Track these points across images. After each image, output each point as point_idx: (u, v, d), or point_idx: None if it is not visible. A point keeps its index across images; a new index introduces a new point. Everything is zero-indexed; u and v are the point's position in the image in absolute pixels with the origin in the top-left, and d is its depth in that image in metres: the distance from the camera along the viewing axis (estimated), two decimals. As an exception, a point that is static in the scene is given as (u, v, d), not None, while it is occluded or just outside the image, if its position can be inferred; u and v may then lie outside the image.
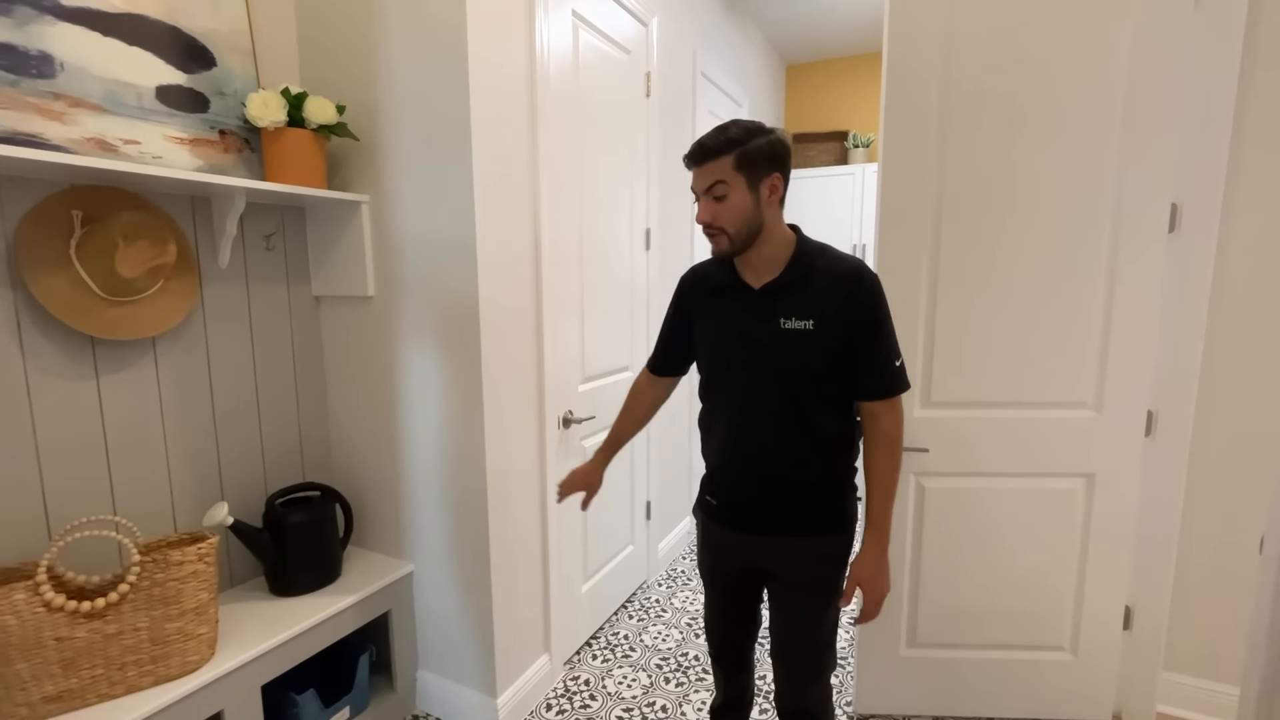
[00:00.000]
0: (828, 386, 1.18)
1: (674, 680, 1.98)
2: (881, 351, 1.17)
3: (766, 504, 1.23)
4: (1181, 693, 1.78)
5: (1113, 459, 1.65)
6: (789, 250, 1.18)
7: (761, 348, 1.18)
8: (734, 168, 1.11)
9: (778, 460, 1.21)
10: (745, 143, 1.10)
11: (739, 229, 1.14)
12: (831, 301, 1.14)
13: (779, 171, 1.14)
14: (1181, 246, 1.57)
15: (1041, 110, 1.54)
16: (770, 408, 1.20)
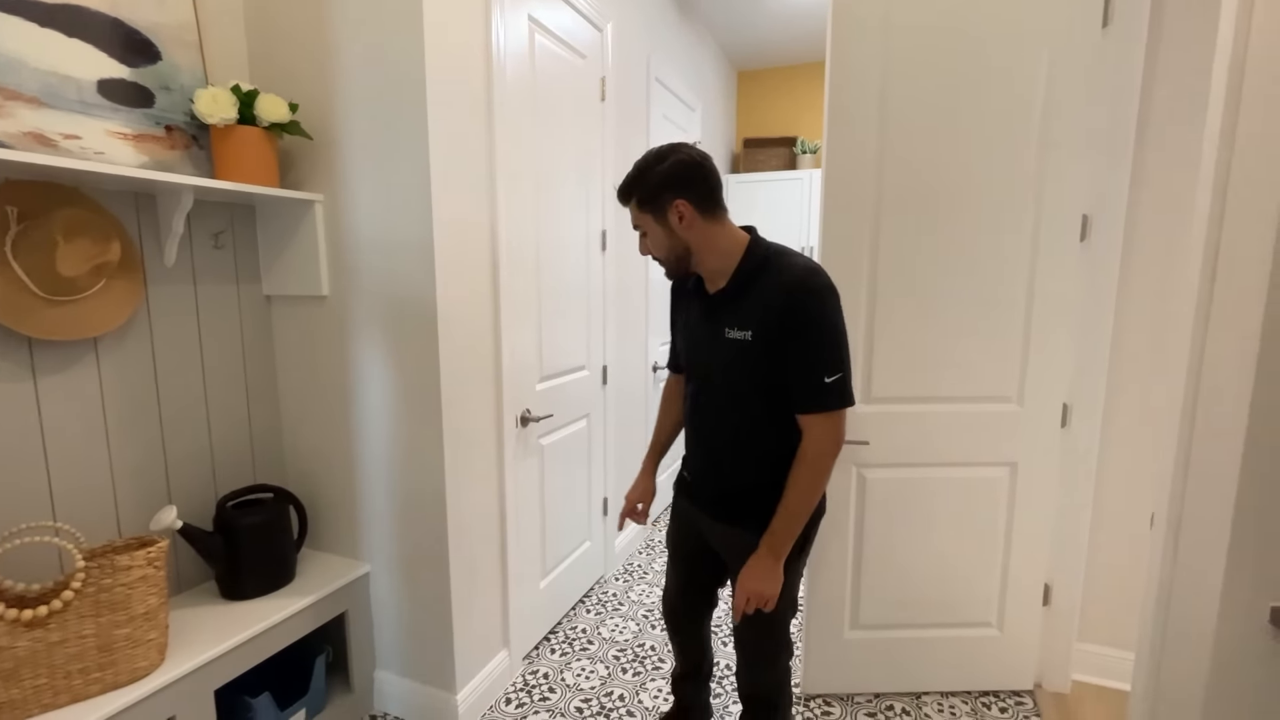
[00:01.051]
0: (774, 395, 1.19)
1: (631, 670, 2.04)
2: (810, 363, 1.14)
3: (719, 495, 1.33)
4: (1094, 661, 1.95)
5: (1033, 449, 1.79)
6: (736, 259, 1.22)
7: (709, 353, 1.25)
8: (639, 210, 1.20)
9: (725, 458, 1.28)
10: (640, 184, 1.18)
11: (667, 256, 1.23)
12: (772, 311, 1.15)
13: (683, 196, 1.16)
14: (1091, 254, 1.72)
15: (969, 127, 1.66)
16: (719, 409, 1.27)
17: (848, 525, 1.84)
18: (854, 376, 1.71)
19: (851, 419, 1.75)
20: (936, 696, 1.92)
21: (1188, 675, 1.03)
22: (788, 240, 3.81)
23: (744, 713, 1.45)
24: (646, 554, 2.88)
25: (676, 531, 1.48)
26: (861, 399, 1.77)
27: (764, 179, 3.91)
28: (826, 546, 1.84)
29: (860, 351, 1.76)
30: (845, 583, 1.87)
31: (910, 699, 1.91)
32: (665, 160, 1.16)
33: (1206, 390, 1.02)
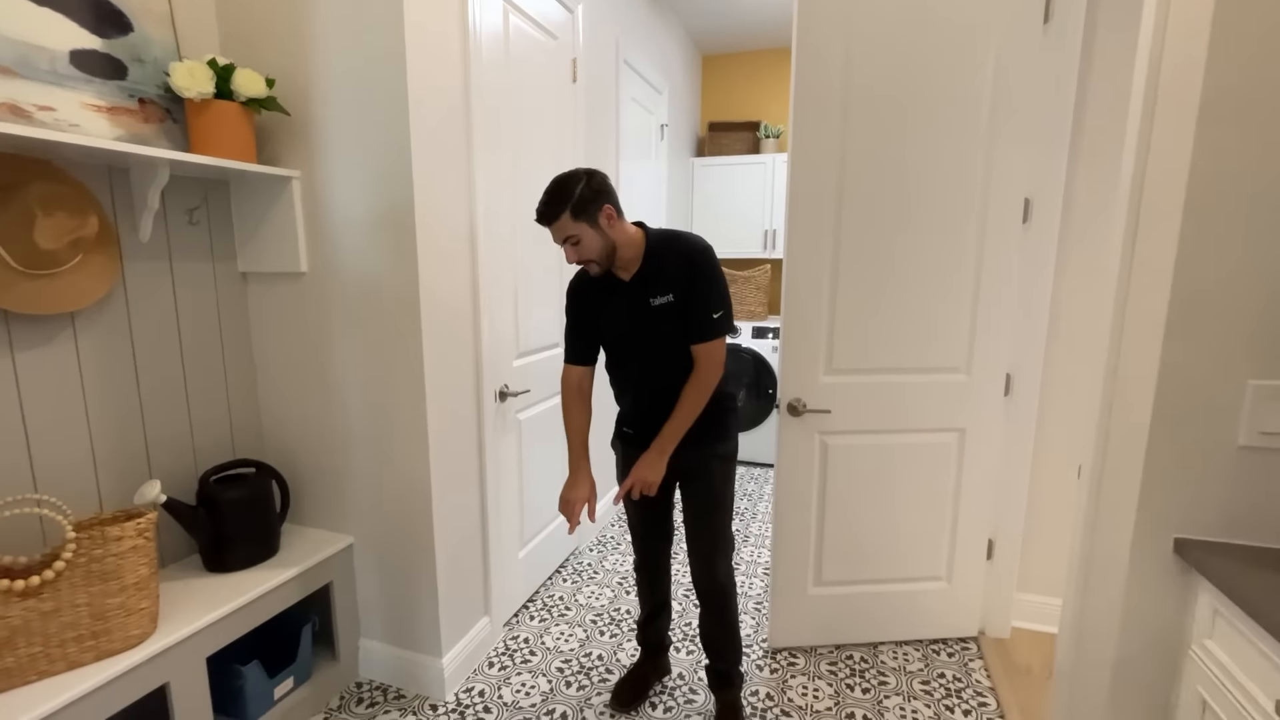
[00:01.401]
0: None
1: (608, 633, 2.14)
2: (702, 306, 1.47)
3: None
4: (1031, 609, 2.13)
5: (979, 415, 1.94)
6: (640, 248, 1.51)
7: (643, 320, 1.52)
8: (574, 220, 1.41)
9: (668, 397, 1.53)
10: (570, 197, 1.39)
11: (600, 256, 1.46)
12: (681, 276, 1.47)
13: (607, 202, 1.43)
14: (1032, 235, 1.86)
15: (925, 114, 1.77)
16: (662, 360, 1.54)
17: (811, 490, 1.96)
18: (817, 350, 1.86)
19: (814, 388, 1.88)
20: (891, 646, 2.08)
21: (1105, 604, 1.18)
22: (750, 223, 3.96)
23: (703, 609, 1.71)
24: (619, 525, 2.97)
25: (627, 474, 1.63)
26: (824, 370, 1.89)
27: (728, 162, 3.99)
28: (792, 509, 1.96)
29: (824, 326, 1.87)
30: (809, 543, 2.00)
31: (868, 649, 2.07)
32: (585, 178, 1.42)
33: (1125, 358, 1.15)
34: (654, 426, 1.55)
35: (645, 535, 1.76)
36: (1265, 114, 0.95)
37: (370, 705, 1.78)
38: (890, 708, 1.80)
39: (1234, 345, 1.00)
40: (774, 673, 1.94)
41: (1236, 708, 0.91)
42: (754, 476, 3.66)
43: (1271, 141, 0.95)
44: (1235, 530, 1.03)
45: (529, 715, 1.75)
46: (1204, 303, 1.00)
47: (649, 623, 1.84)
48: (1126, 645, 1.13)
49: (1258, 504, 1.01)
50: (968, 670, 1.96)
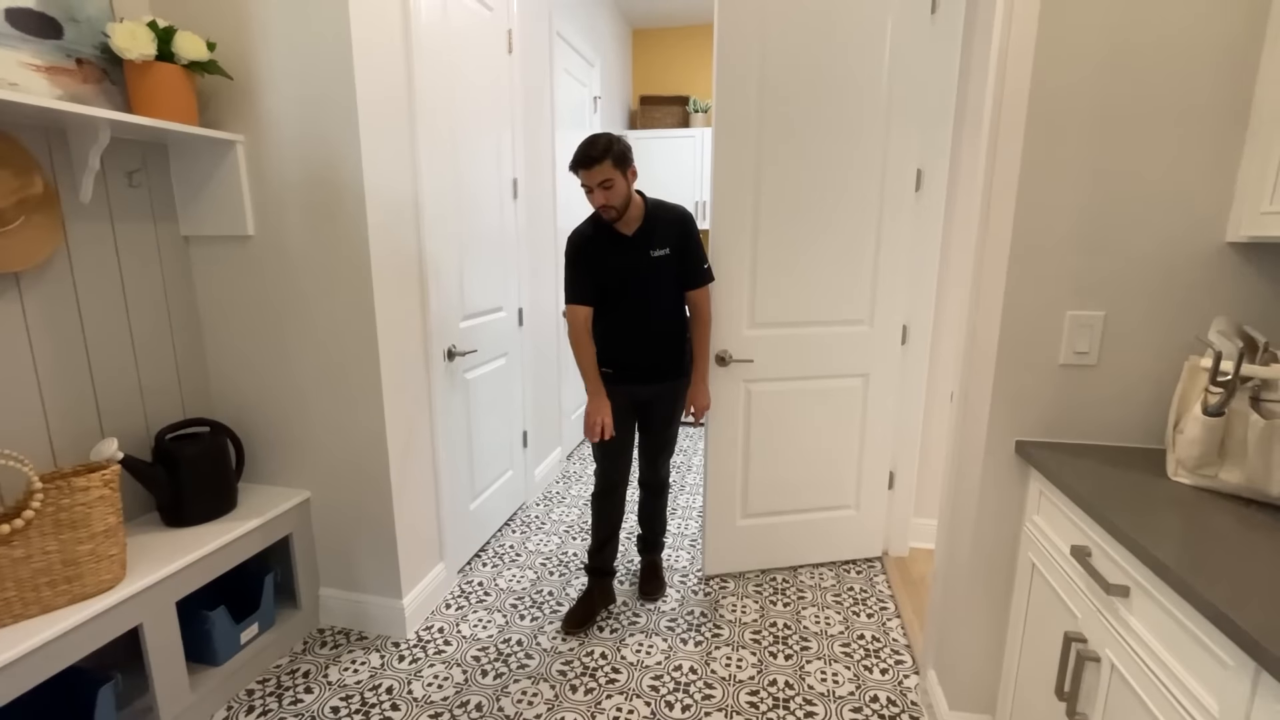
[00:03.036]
0: (677, 286, 1.91)
1: (557, 573, 2.31)
2: (696, 257, 1.90)
3: (659, 362, 1.94)
4: (925, 531, 2.46)
5: (881, 362, 2.22)
6: (642, 209, 1.85)
7: (644, 269, 1.85)
8: (613, 166, 1.71)
9: (666, 335, 1.93)
10: (613, 149, 1.70)
11: (622, 204, 1.77)
12: (674, 234, 1.86)
13: (633, 162, 1.78)
14: (924, 202, 2.13)
15: (832, 94, 1.98)
16: (657, 302, 1.89)
17: (737, 432, 2.19)
18: (741, 306, 2.07)
19: (738, 341, 2.09)
20: (809, 567, 2.36)
21: (967, 502, 1.45)
22: (681, 194, 4.14)
23: (644, 496, 2.18)
24: (563, 482, 3.14)
25: (618, 410, 1.93)
26: (747, 325, 2.11)
27: (660, 135, 4.14)
28: (721, 450, 2.19)
29: (746, 285, 2.08)
30: (736, 480, 2.23)
31: (789, 571, 2.34)
32: (619, 141, 1.73)
33: (980, 300, 1.41)
34: (644, 364, 1.92)
35: (615, 459, 2.01)
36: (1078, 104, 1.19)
37: (334, 647, 1.89)
38: (807, 616, 2.07)
39: (1057, 284, 1.26)
40: (707, 595, 2.18)
41: (1049, 558, 1.18)
42: (687, 435, 3.90)
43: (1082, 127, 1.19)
44: (1056, 431, 1.30)
45: (486, 644, 1.92)
46: (1036, 252, 1.26)
47: (599, 549, 2.07)
48: (981, 533, 1.40)
49: (1072, 409, 1.29)
50: (872, 584, 2.26)
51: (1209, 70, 1.13)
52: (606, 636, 1.96)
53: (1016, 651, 1.33)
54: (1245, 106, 1.13)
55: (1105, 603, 0.99)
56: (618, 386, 1.93)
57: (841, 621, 2.04)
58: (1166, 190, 1.18)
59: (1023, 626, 1.31)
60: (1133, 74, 1.16)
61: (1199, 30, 1.12)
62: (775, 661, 1.85)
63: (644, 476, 2.14)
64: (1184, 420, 1.09)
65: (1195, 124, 1.15)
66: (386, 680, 1.75)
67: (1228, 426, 1.02)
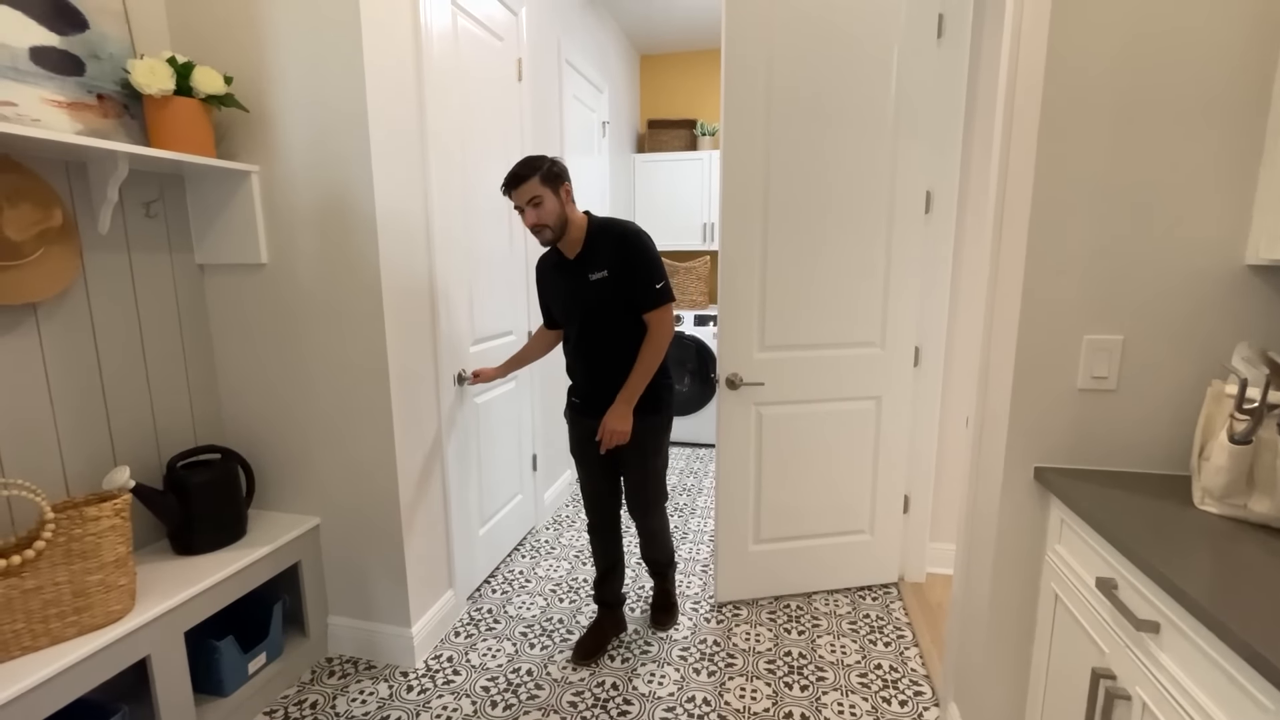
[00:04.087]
0: (623, 310, 1.75)
1: (567, 600, 2.28)
2: (645, 278, 1.72)
3: (602, 395, 1.81)
4: (943, 556, 2.42)
5: (893, 384, 2.20)
6: (584, 230, 1.77)
7: (583, 294, 1.76)
8: (542, 184, 1.66)
9: (607, 364, 1.80)
10: (540, 166, 1.66)
11: (555, 223, 1.70)
12: (613, 255, 1.72)
13: (567, 181, 1.72)
14: (934, 224, 2.12)
15: (838, 118, 2.00)
16: (597, 330, 1.79)
17: (748, 456, 2.17)
18: (751, 329, 2.06)
19: (749, 363, 2.08)
20: (823, 594, 2.32)
21: (985, 530, 1.42)
22: (689, 217, 4.16)
23: (642, 541, 2.06)
24: (574, 505, 3.12)
25: (578, 442, 1.94)
26: (758, 347, 2.09)
27: (667, 159, 4.18)
28: (732, 475, 2.16)
29: (756, 307, 2.07)
30: (749, 505, 2.20)
31: (803, 598, 2.30)
32: (552, 159, 1.70)
33: (995, 324, 1.39)
34: (594, 394, 1.83)
35: (596, 496, 1.97)
36: (1090, 123, 1.19)
37: (342, 676, 1.86)
38: (822, 645, 2.02)
39: (1074, 308, 1.24)
40: (720, 623, 2.14)
41: (1074, 590, 1.15)
42: (699, 456, 3.88)
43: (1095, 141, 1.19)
44: (1077, 457, 1.28)
45: (496, 674, 1.88)
46: (1051, 275, 1.24)
47: (604, 581, 2.03)
48: (1001, 562, 1.37)
49: (1092, 435, 1.26)
50: (889, 610, 2.21)
51: (1224, 78, 1.12)
52: (618, 666, 1.93)
53: (1041, 686, 1.29)
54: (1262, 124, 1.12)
55: (1134, 638, 0.95)
56: (580, 417, 1.90)
57: (858, 650, 1.99)
58: (1184, 211, 1.17)
59: (1047, 660, 1.27)
60: (1146, 83, 1.15)
61: (1214, 32, 1.12)
62: (791, 693, 1.81)
63: (636, 525, 2.00)
64: (1209, 447, 1.06)
65: (1212, 140, 1.14)
66: (394, 712, 1.73)
67: (1255, 454, 0.99)
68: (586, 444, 1.88)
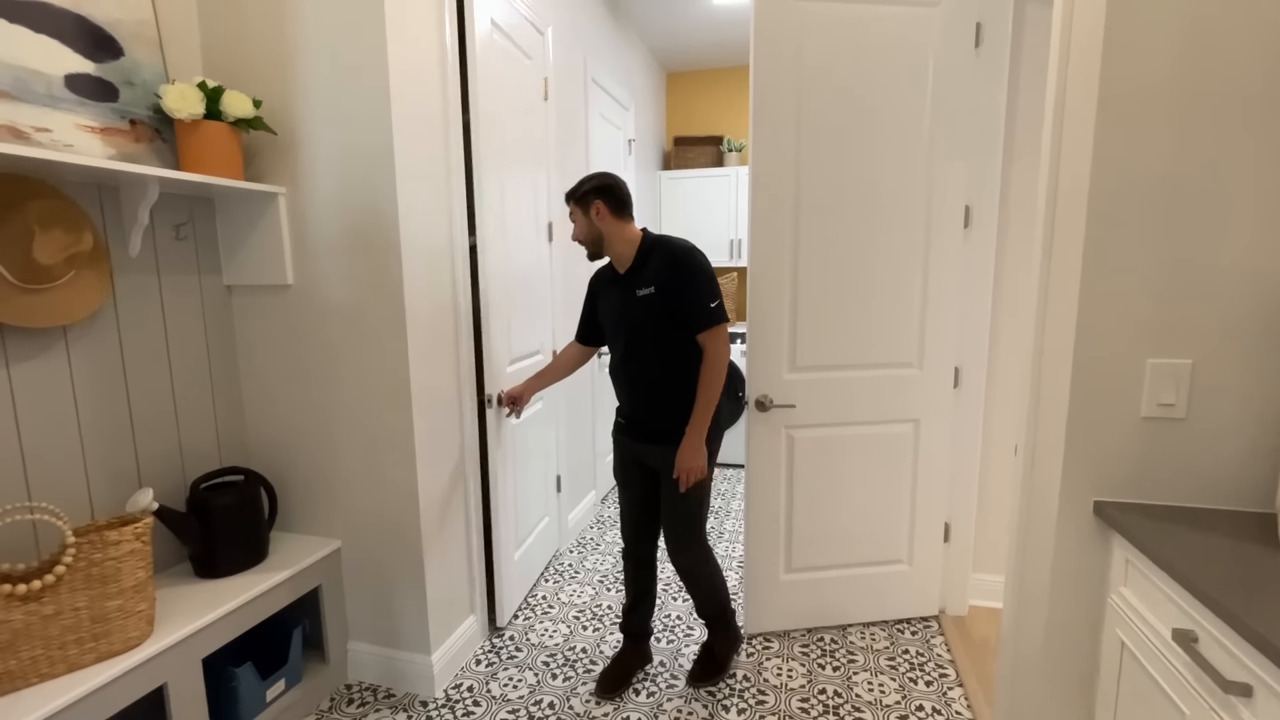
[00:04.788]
0: (669, 330, 1.69)
1: (591, 628, 2.21)
2: (696, 298, 1.66)
3: (641, 416, 1.80)
4: (986, 587, 2.28)
5: (932, 406, 2.10)
6: (635, 246, 1.74)
7: (629, 309, 1.74)
8: (573, 203, 1.75)
9: (649, 385, 1.76)
10: (578, 189, 1.74)
11: (586, 240, 1.76)
12: (662, 273, 1.68)
13: (600, 198, 1.71)
14: (973, 239, 2.03)
15: (872, 131, 1.93)
16: (641, 349, 1.75)
17: (779, 481, 2.08)
18: (781, 349, 1.99)
19: (779, 385, 2.00)
20: (859, 627, 2.20)
21: (1039, 567, 1.32)
22: (715, 233, 4.11)
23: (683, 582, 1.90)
24: (598, 528, 3.05)
25: (619, 464, 1.90)
26: (788, 368, 2.02)
27: (693, 175, 4.15)
28: (762, 501, 2.08)
29: (785, 326, 2.00)
30: (779, 532, 2.11)
31: (838, 630, 2.19)
32: (595, 178, 1.75)
33: (1047, 346, 1.30)
34: (637, 415, 1.80)
35: (630, 523, 1.91)
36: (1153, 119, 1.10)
37: (361, 705, 1.82)
38: (859, 683, 1.91)
39: (1136, 329, 1.15)
40: (750, 656, 2.05)
41: (1145, 642, 1.04)
42: (727, 477, 3.78)
43: (1158, 146, 1.10)
44: (1141, 491, 1.17)
45: (517, 706, 1.82)
46: (1110, 293, 1.15)
47: (631, 611, 1.95)
48: (1057, 603, 1.26)
49: (1158, 467, 1.16)
50: (929, 646, 2.09)
51: (1300, 96, 1.03)
52: (643, 701, 1.85)
53: (1106, 742, 1.18)
54: (1345, 134, 1.03)
55: (1222, 702, 0.85)
56: (622, 437, 1.87)
57: (897, 689, 1.88)
58: (1258, 220, 1.08)
59: (1114, 716, 1.15)
60: (1213, 80, 1.07)
61: (1286, 54, 1.03)
62: (826, 735, 1.71)
63: (670, 559, 1.86)
64: (1298, 484, 0.96)
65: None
66: (413, 744, 1.67)
67: (1355, 494, 0.89)
68: (628, 466, 1.86)
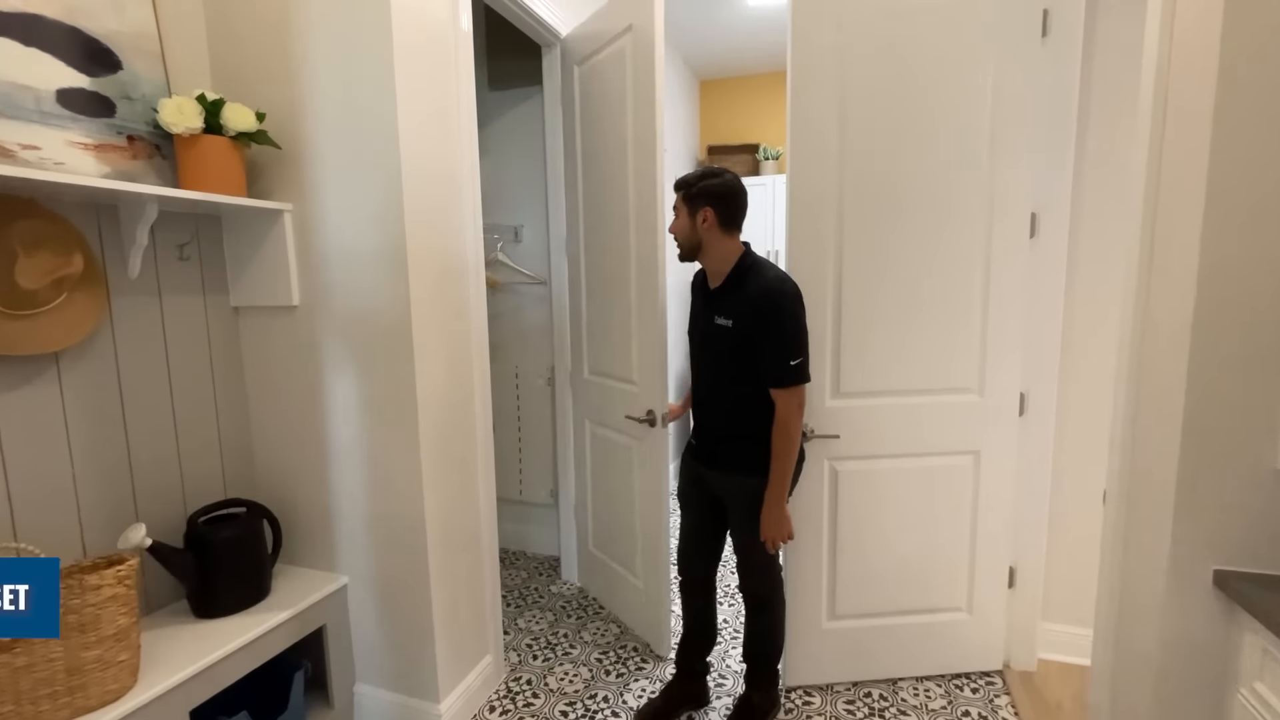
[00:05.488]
0: (745, 368, 1.54)
1: (614, 672, 2.05)
2: (774, 350, 1.49)
3: (714, 446, 1.66)
4: (1059, 639, 2.03)
5: (994, 436, 1.87)
6: (730, 265, 1.57)
7: (706, 336, 1.63)
8: (682, 200, 1.58)
9: (716, 415, 1.65)
10: (694, 184, 1.54)
11: (681, 241, 1.60)
12: (748, 308, 1.51)
13: (711, 206, 1.53)
14: (1040, 250, 1.81)
15: (924, 133, 1.74)
16: (711, 378, 1.65)
17: (822, 519, 1.89)
18: (823, 373, 1.80)
19: (821, 414, 1.82)
20: (911, 681, 1.98)
21: (1142, 640, 1.10)
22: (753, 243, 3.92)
23: (745, 606, 1.77)
24: (625, 558, 2.89)
25: (685, 486, 1.79)
26: (830, 395, 1.83)
27: (729, 185, 3.98)
28: (802, 541, 1.88)
29: (828, 349, 1.81)
30: (821, 575, 1.91)
31: (887, 685, 1.97)
32: (713, 175, 1.56)
33: (1146, 372, 1.09)
34: (705, 439, 1.69)
35: (685, 548, 1.81)
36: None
37: (365, 755, 1.70)
38: (913, 750, 1.70)
39: (1264, 363, 0.94)
40: (789, 711, 1.85)
41: (1296, 760, 0.83)
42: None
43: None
44: (1274, 560, 0.95)
45: (531, 764, 1.67)
46: (1232, 313, 0.95)
47: (684, 644, 1.86)
48: (1166, 686, 1.05)
49: (1302, 532, 0.94)
50: (993, 707, 1.86)
51: None
52: (669, 762, 1.67)
53: None
54: None
55: None
56: (688, 459, 1.78)
57: (958, 761, 1.66)
58: None
59: (1246, 841, 0.93)
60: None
61: None
62: (877, 816, 1.50)
63: (740, 583, 1.74)
64: None
65: None
66: (416, 805, 1.54)
67: None
68: (689, 487, 1.78)
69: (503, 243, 2.63)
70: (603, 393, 2.27)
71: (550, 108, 2.37)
